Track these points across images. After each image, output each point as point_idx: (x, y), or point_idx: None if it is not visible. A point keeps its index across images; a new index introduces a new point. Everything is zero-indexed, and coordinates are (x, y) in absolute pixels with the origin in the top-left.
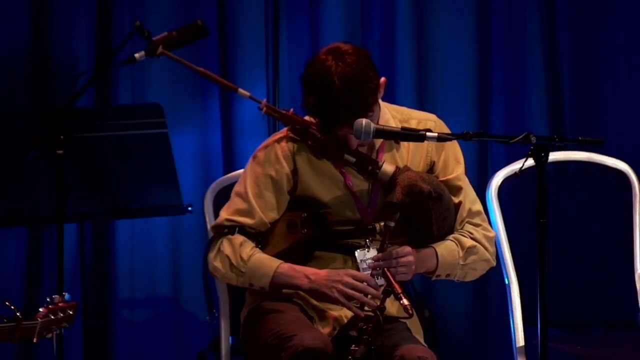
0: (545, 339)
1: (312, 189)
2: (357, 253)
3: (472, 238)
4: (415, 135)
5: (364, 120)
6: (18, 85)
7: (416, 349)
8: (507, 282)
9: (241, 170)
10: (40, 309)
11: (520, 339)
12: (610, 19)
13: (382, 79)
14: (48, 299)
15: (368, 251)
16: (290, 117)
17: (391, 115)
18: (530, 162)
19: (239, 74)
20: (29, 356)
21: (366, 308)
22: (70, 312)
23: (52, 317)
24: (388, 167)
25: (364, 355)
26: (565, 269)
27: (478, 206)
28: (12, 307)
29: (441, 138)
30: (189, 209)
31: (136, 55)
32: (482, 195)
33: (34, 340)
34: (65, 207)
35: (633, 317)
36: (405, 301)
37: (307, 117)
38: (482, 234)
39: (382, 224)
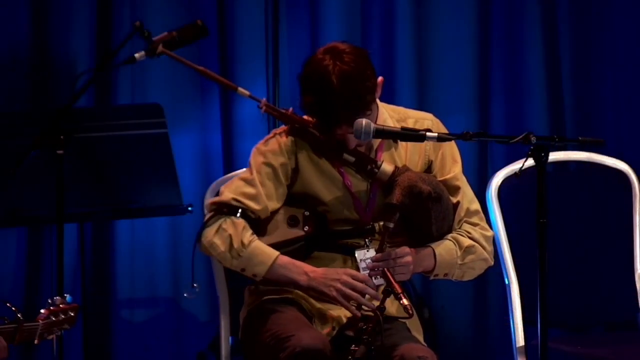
0: (545, 339)
1: (313, 186)
2: (357, 253)
3: (470, 237)
4: (415, 135)
5: (364, 120)
6: (18, 85)
7: (416, 349)
8: (507, 282)
9: (241, 170)
10: (42, 311)
11: (520, 339)
12: (611, 19)
13: (380, 78)
14: (49, 301)
15: (368, 251)
16: (289, 116)
17: (388, 115)
18: (530, 162)
19: (239, 74)
20: (29, 356)
21: (365, 308)
22: (72, 314)
23: (54, 318)
24: (387, 167)
25: (364, 355)
26: (565, 269)
27: (476, 205)
28: (14, 309)
29: (441, 138)
30: (189, 209)
31: (136, 55)
32: (482, 195)
33: (35, 342)
34: (65, 207)
35: (633, 317)
36: (405, 301)
37: (305, 117)
38: (480, 233)
39: (381, 223)
